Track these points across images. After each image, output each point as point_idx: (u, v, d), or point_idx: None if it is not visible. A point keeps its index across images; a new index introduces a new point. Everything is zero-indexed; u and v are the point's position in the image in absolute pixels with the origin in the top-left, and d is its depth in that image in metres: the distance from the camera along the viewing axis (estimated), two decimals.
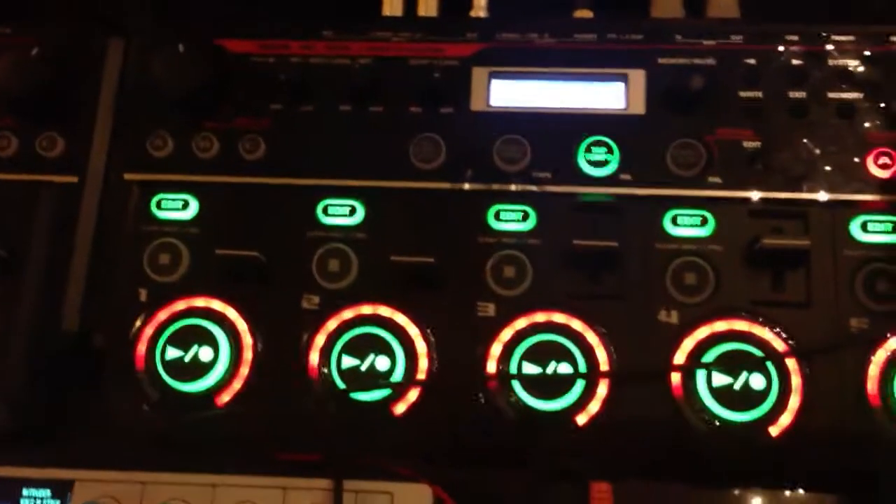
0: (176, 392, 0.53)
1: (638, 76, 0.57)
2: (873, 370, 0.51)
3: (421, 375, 0.52)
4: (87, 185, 0.58)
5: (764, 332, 0.52)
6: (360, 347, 0.53)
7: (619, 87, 0.57)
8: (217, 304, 0.55)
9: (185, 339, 0.53)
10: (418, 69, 0.59)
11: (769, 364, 0.51)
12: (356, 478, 0.52)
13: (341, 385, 0.52)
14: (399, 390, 0.52)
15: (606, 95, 0.57)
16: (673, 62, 0.57)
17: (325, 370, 0.53)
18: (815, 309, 0.53)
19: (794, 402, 0.51)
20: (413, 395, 0.53)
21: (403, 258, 0.53)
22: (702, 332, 0.52)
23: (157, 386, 0.53)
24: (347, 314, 0.54)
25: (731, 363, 0.51)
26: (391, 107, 0.58)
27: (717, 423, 0.51)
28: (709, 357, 0.51)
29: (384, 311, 0.54)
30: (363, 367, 0.53)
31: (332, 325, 0.53)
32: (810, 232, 0.53)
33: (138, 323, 0.55)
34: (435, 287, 0.54)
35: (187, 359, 0.53)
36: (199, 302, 0.55)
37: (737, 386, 0.51)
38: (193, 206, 0.57)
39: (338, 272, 0.55)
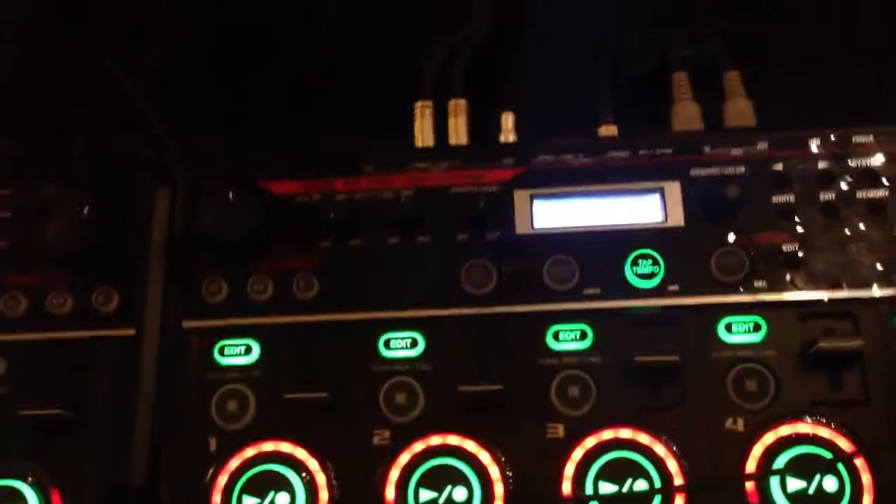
0: None
1: (673, 188, 0.60)
2: None
3: (498, 502, 0.53)
4: (146, 337, 0.59)
5: (828, 433, 0.53)
6: (435, 480, 0.53)
7: (656, 199, 0.60)
8: (287, 447, 0.55)
9: (260, 486, 0.53)
10: (460, 197, 0.61)
11: (840, 465, 0.52)
12: None
13: None
14: None
15: (645, 209, 0.60)
16: (705, 173, 0.60)
17: None
18: (874, 405, 0.54)
19: (867, 501, 0.51)
20: None
21: (472, 387, 0.54)
22: (769, 438, 0.53)
23: None
24: (418, 446, 0.54)
25: (803, 467, 0.52)
26: (438, 235, 0.60)
27: None
28: (779, 462, 0.52)
29: (453, 439, 0.54)
30: (441, 500, 0.53)
31: (404, 459, 0.54)
32: (861, 330, 0.55)
33: (210, 472, 0.55)
34: (501, 412, 0.55)
35: None
36: (269, 446, 0.55)
37: (811, 490, 0.52)
38: (255, 350, 0.58)
39: (405, 405, 0.56)
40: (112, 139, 0.69)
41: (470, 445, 0.54)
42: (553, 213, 0.60)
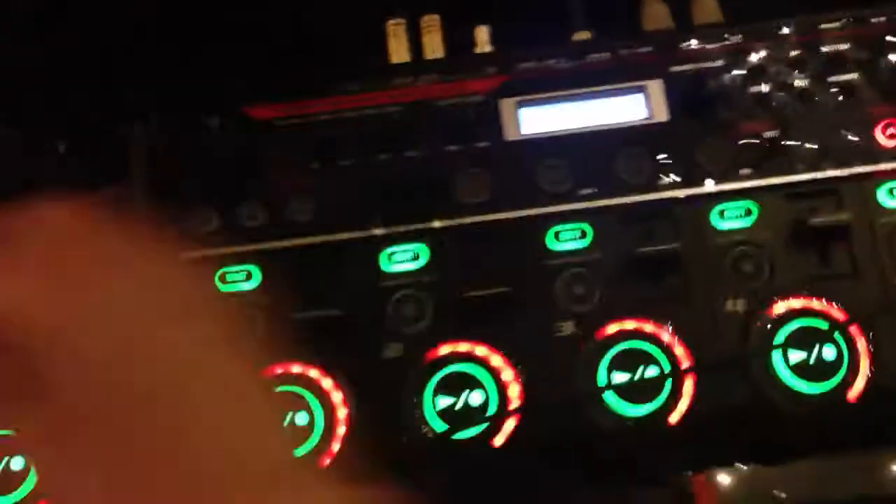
0: None
1: (655, 86, 0.61)
2: None
3: (515, 403, 0.54)
4: None
5: (822, 305, 0.55)
6: (452, 386, 0.54)
7: (640, 98, 0.61)
8: (297, 368, 0.55)
9: None
10: (447, 109, 0.60)
11: (837, 334, 0.54)
12: None
13: (441, 426, 0.53)
14: (498, 421, 0.53)
15: (630, 108, 0.60)
16: (685, 69, 0.61)
17: (420, 413, 0.53)
18: (861, 277, 0.57)
19: (865, 364, 0.54)
20: (510, 425, 0.54)
21: (478, 292, 0.54)
22: (769, 315, 0.55)
23: None
24: (434, 354, 0.55)
25: (803, 340, 0.54)
26: (427, 149, 0.60)
27: (800, 398, 0.54)
28: (780, 336, 0.55)
29: (464, 346, 0.55)
30: (458, 406, 0.54)
31: (418, 369, 0.54)
32: (845, 206, 0.57)
33: None
34: (509, 315, 0.56)
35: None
36: (279, 369, 0.55)
37: (811, 360, 0.54)
38: (256, 276, 0.57)
39: (414, 316, 0.56)
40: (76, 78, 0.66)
41: (481, 351, 0.55)
42: (540, 119, 0.60)
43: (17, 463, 0.52)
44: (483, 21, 0.68)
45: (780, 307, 0.55)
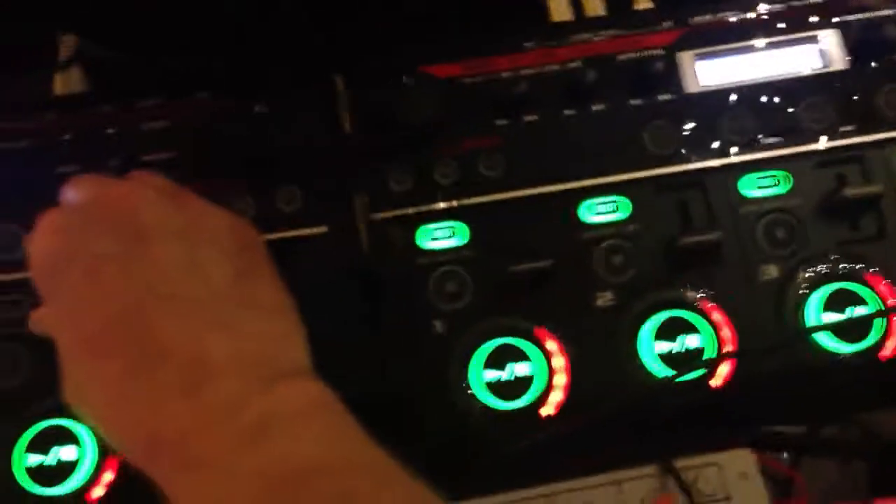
0: None
1: (830, 35, 0.62)
2: None
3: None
4: (340, 232, 0.58)
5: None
6: (669, 332, 0.55)
7: (815, 48, 0.62)
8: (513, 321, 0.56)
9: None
10: (627, 63, 0.61)
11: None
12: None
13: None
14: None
15: (806, 58, 0.61)
16: (859, 17, 0.62)
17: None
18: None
19: None
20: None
21: (689, 239, 0.56)
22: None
23: None
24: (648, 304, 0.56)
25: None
26: (612, 103, 0.60)
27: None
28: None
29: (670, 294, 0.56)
30: (676, 350, 0.55)
31: (632, 318, 0.55)
32: None
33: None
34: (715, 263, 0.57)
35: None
36: (491, 323, 0.56)
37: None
38: (462, 232, 0.57)
39: (622, 265, 0.57)
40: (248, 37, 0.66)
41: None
42: (718, 70, 0.61)
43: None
44: None
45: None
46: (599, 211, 0.58)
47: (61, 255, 0.41)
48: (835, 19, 0.62)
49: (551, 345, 0.55)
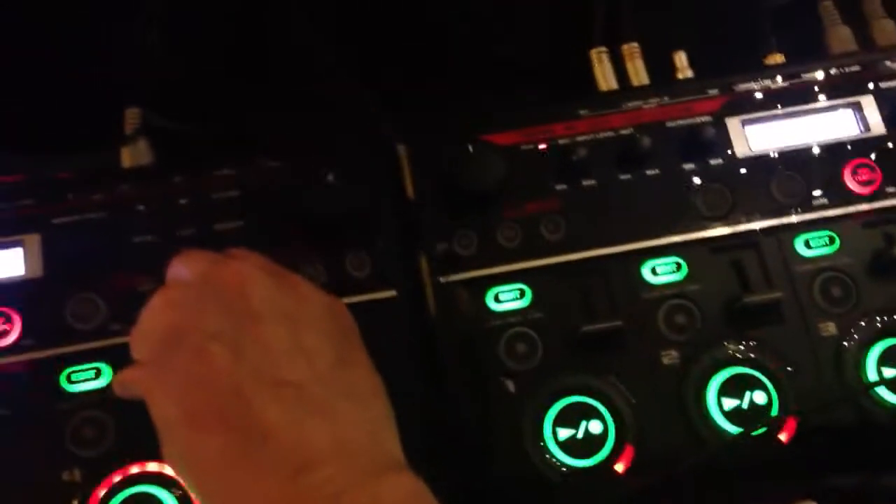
0: None
1: (869, 102, 0.65)
2: None
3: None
4: (408, 296, 0.59)
5: None
6: (735, 389, 0.57)
7: (855, 113, 0.65)
8: (582, 379, 0.57)
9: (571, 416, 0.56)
10: (678, 129, 0.64)
11: None
12: None
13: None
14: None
15: (846, 123, 0.64)
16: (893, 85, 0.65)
17: (708, 416, 0.56)
18: None
19: None
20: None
21: (753, 298, 0.57)
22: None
23: None
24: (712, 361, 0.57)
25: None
26: (665, 167, 0.63)
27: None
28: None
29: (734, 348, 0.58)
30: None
31: (698, 375, 0.57)
32: None
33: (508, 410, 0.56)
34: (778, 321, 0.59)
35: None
36: (561, 381, 0.57)
37: None
38: (528, 293, 0.59)
39: (685, 324, 0.59)
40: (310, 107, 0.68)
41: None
42: (766, 135, 0.64)
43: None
44: (677, 46, 0.72)
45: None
46: (660, 271, 0.60)
47: (174, 330, 0.43)
48: (875, 85, 0.65)
49: (621, 402, 0.56)
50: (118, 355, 0.52)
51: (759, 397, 0.56)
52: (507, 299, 0.59)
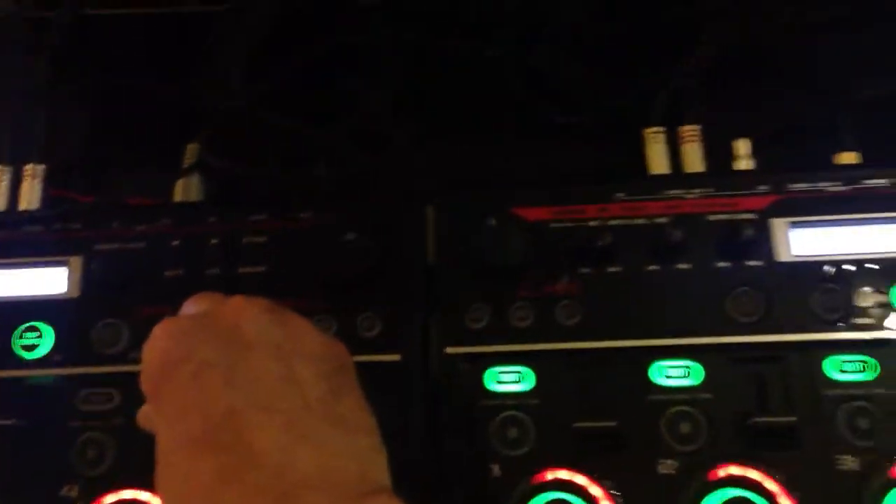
0: None
1: None
2: None
3: None
4: (412, 362, 0.59)
5: None
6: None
7: None
8: (567, 475, 0.55)
9: None
10: (717, 224, 0.61)
11: None
12: None
13: None
14: None
15: None
16: None
17: None
18: None
19: None
20: None
21: (762, 419, 0.54)
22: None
23: None
24: (711, 475, 0.54)
25: None
26: (698, 263, 0.60)
27: None
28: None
29: (740, 470, 0.54)
30: None
31: (693, 488, 0.54)
32: None
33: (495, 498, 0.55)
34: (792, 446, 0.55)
35: None
36: (548, 475, 0.55)
37: None
38: (529, 377, 0.58)
39: (690, 434, 0.56)
40: (353, 160, 0.70)
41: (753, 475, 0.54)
42: (812, 241, 0.60)
43: None
44: (742, 133, 0.68)
45: None
46: (670, 374, 0.57)
47: (171, 358, 0.45)
48: None
49: None
50: (131, 383, 0.55)
51: None
52: (507, 381, 0.58)
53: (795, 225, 0.60)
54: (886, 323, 0.57)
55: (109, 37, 0.76)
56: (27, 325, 0.61)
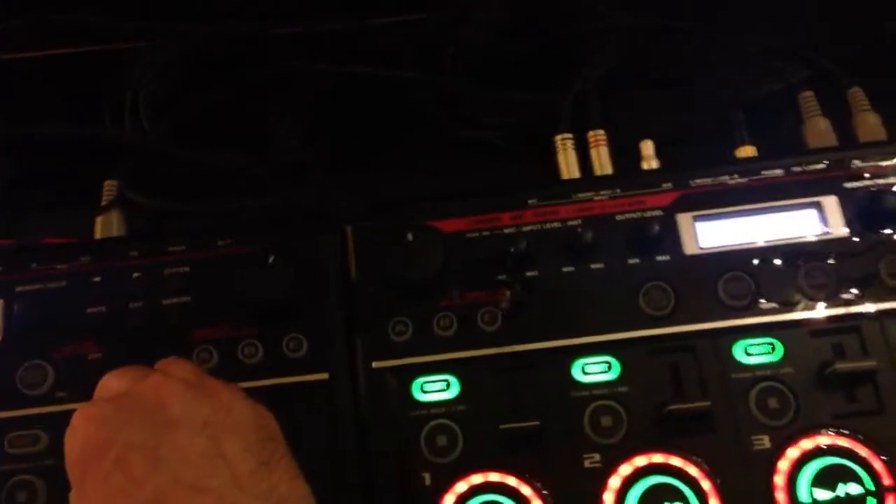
0: None
1: (831, 202, 0.62)
2: None
3: None
4: (340, 379, 0.60)
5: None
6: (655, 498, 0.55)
7: (815, 213, 0.62)
8: (497, 476, 0.56)
9: None
10: (626, 223, 0.63)
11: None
12: None
13: None
14: None
15: (806, 223, 0.62)
16: (860, 185, 0.63)
17: None
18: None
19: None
20: None
21: (678, 406, 0.56)
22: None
23: None
24: (632, 466, 0.56)
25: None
26: (611, 262, 0.62)
27: None
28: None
29: (659, 457, 0.56)
30: None
31: (616, 480, 0.56)
32: None
33: None
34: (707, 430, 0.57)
35: None
36: (478, 478, 0.57)
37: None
38: (455, 385, 0.59)
39: (611, 427, 0.57)
40: (271, 188, 0.71)
41: (675, 461, 0.56)
42: (717, 233, 0.62)
43: None
44: (645, 134, 0.71)
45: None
46: (590, 370, 0.59)
47: (93, 445, 0.45)
48: (840, 185, 0.63)
49: None
50: (58, 422, 0.54)
51: None
52: (432, 389, 0.59)
53: (699, 218, 0.63)
54: (789, 305, 0.60)
55: (17, 80, 0.76)
56: None
